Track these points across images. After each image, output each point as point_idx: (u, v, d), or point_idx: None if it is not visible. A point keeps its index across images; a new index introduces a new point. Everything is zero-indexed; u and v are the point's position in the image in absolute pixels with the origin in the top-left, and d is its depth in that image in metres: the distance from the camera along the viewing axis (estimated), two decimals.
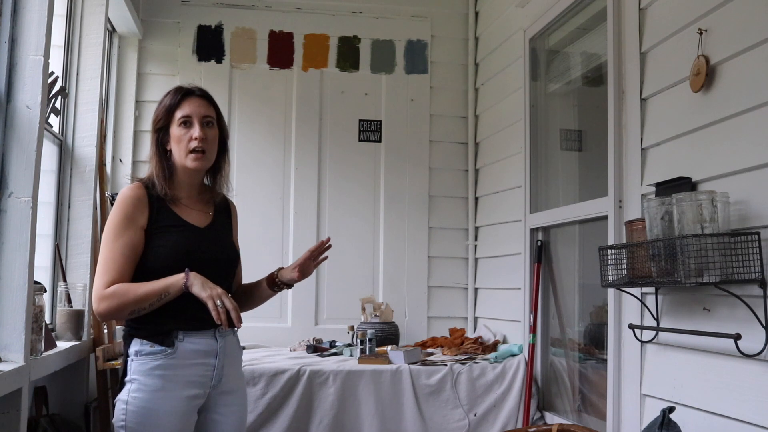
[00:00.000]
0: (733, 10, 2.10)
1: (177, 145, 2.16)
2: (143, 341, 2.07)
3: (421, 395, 3.24)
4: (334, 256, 4.20)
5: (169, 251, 2.10)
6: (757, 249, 1.92)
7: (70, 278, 3.13)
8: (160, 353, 2.06)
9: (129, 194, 2.12)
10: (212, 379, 2.14)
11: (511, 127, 3.83)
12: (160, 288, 2.04)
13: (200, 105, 2.20)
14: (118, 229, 2.08)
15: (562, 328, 3.38)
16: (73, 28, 3.33)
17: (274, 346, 3.96)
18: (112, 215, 2.11)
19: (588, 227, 3.14)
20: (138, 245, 2.09)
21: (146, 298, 2.03)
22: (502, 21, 4.04)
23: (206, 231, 2.21)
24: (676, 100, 2.35)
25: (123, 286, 2.04)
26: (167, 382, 2.06)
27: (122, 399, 2.06)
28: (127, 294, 2.03)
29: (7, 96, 2.10)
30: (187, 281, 2.03)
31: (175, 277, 2.05)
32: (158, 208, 2.13)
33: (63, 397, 3.10)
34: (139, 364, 2.06)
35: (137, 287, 2.04)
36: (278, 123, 4.31)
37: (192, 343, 2.11)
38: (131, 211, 2.09)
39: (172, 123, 2.17)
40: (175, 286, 2.04)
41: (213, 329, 2.15)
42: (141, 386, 2.04)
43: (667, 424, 2.06)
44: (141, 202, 2.12)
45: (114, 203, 2.16)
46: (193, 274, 2.05)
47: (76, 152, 3.28)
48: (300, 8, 4.39)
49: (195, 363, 2.11)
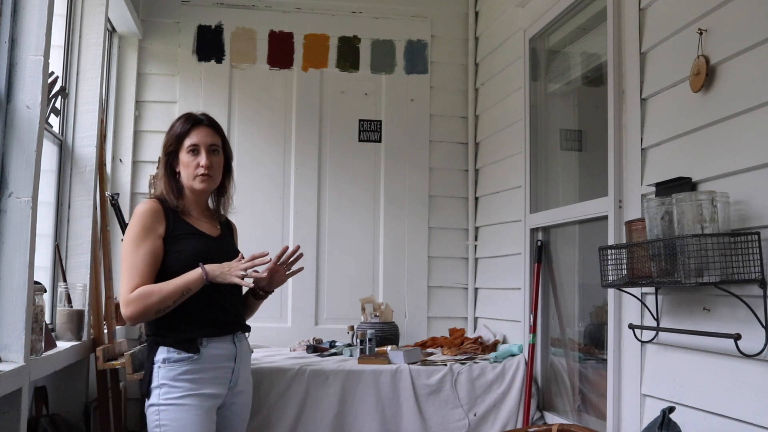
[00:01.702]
0: (733, 10, 2.10)
1: (185, 170, 2.36)
2: (170, 349, 2.24)
3: (421, 395, 3.24)
4: (335, 256, 4.31)
5: (188, 255, 2.27)
6: (757, 249, 1.92)
7: (70, 278, 3.13)
8: (187, 360, 2.23)
9: (146, 207, 2.30)
10: (230, 380, 2.33)
11: (511, 127, 3.83)
12: (181, 285, 2.21)
13: (207, 134, 2.39)
14: (138, 238, 2.24)
15: (562, 328, 3.38)
16: (73, 28, 3.33)
17: (274, 346, 3.96)
18: (131, 227, 2.29)
19: (588, 227, 3.14)
20: (158, 252, 2.26)
21: (170, 296, 2.20)
22: (502, 21, 4.04)
23: (217, 240, 2.42)
24: (676, 100, 2.35)
25: (146, 288, 2.20)
26: (194, 384, 2.22)
27: (154, 403, 2.22)
28: (150, 295, 2.19)
29: (7, 96, 2.10)
30: (207, 276, 2.21)
31: (192, 273, 2.22)
32: (174, 218, 2.32)
33: (63, 397, 3.11)
34: (168, 370, 2.22)
35: (159, 288, 2.20)
36: (278, 123, 4.31)
37: (215, 348, 2.29)
38: (150, 222, 2.27)
39: (182, 149, 2.37)
40: (196, 282, 2.22)
41: (232, 335, 2.35)
42: (171, 390, 2.21)
43: (667, 424, 2.07)
44: (158, 213, 2.30)
45: (131, 218, 2.32)
46: (208, 267, 2.22)
47: (76, 152, 3.28)
48: (300, 8, 4.39)
49: (217, 366, 2.29)
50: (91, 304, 3.15)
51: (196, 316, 2.27)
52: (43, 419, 2.80)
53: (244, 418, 2.45)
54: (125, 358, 2.98)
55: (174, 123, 2.43)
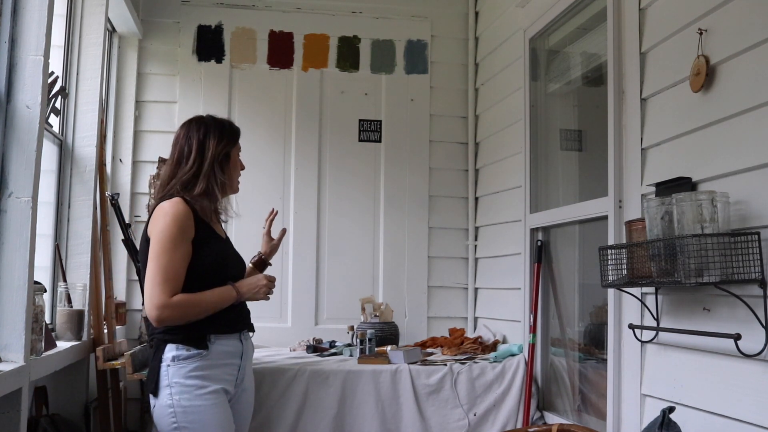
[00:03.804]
0: (733, 10, 2.10)
1: (234, 170, 2.48)
2: (179, 346, 2.25)
3: (421, 395, 3.24)
4: (334, 256, 4.31)
5: (213, 259, 2.33)
6: (757, 249, 1.92)
7: (70, 278, 3.13)
8: (197, 356, 2.25)
9: (182, 209, 2.30)
10: (236, 377, 2.37)
11: (511, 127, 3.83)
12: (216, 302, 2.30)
13: None
14: (177, 240, 2.26)
15: (562, 328, 3.38)
16: (73, 28, 3.33)
17: (274, 346, 3.96)
18: (168, 228, 2.26)
19: (588, 227, 3.14)
20: (189, 256, 2.29)
21: (206, 310, 2.28)
22: (502, 21, 4.04)
23: (228, 241, 2.52)
24: (676, 100, 2.35)
25: (187, 298, 2.24)
26: (205, 380, 2.24)
27: (166, 404, 2.22)
28: (191, 306, 2.25)
29: (7, 96, 2.10)
30: (239, 296, 2.35)
31: (224, 291, 2.32)
32: (198, 222, 2.34)
33: (63, 397, 3.11)
34: (178, 368, 2.23)
35: (199, 300, 2.27)
36: (278, 123, 4.31)
37: (222, 345, 2.31)
38: (186, 225, 2.29)
39: (234, 150, 2.48)
40: (228, 300, 2.32)
41: (239, 332, 2.39)
42: (183, 388, 2.22)
43: (667, 424, 2.06)
44: (191, 217, 2.32)
45: (160, 216, 2.29)
46: (238, 284, 2.35)
47: (76, 152, 3.28)
48: (300, 8, 4.39)
49: (225, 363, 2.32)
50: (91, 304, 3.16)
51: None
52: (43, 419, 2.80)
53: (247, 416, 2.47)
54: (125, 358, 2.98)
55: (216, 123, 2.44)
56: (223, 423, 2.25)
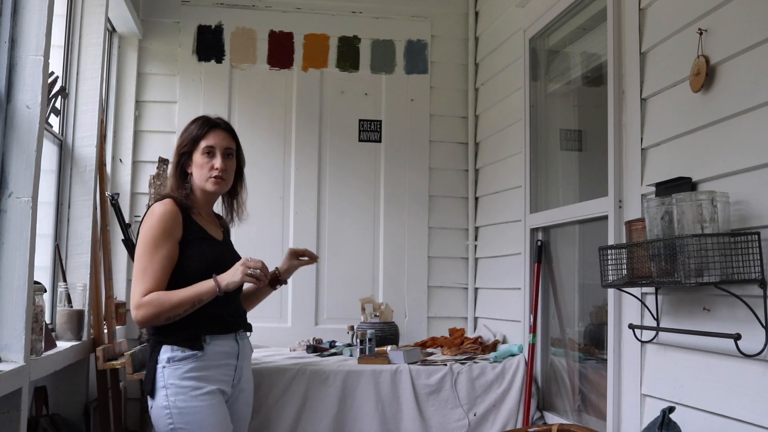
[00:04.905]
0: (733, 10, 2.10)
1: (199, 171, 2.37)
2: (174, 347, 2.24)
3: (421, 395, 3.24)
4: (335, 256, 4.30)
5: (202, 260, 2.29)
6: (757, 249, 1.92)
7: (70, 278, 3.13)
8: (191, 357, 2.24)
9: (167, 209, 2.28)
10: (233, 378, 2.35)
11: (511, 127, 3.83)
12: (194, 296, 2.22)
13: (224, 138, 2.41)
14: (158, 241, 2.24)
15: (562, 328, 3.38)
16: (73, 28, 3.33)
17: (274, 346, 3.96)
18: (150, 228, 2.26)
19: (588, 227, 3.14)
20: (174, 256, 2.26)
21: (181, 305, 2.21)
22: (502, 21, 4.04)
23: (223, 244, 2.47)
24: (676, 100, 2.35)
25: (159, 295, 2.20)
26: (201, 381, 2.23)
27: (162, 405, 2.21)
28: (163, 303, 2.20)
29: (7, 96, 2.10)
30: (219, 288, 2.23)
31: (204, 284, 2.23)
32: (188, 221, 2.32)
33: (63, 397, 3.11)
34: (173, 370, 2.22)
35: (172, 296, 2.21)
36: (278, 123, 4.31)
37: (218, 345, 2.30)
38: (170, 226, 2.26)
39: (196, 150, 2.38)
40: (208, 293, 2.23)
41: (234, 333, 2.37)
42: (179, 390, 2.21)
43: (667, 424, 2.06)
44: (177, 217, 2.29)
45: (147, 217, 2.30)
46: (219, 277, 2.24)
47: (76, 152, 3.28)
48: (300, 8, 4.39)
49: (221, 364, 2.31)
50: (91, 304, 3.16)
51: (200, 313, 2.26)
52: (43, 419, 2.80)
53: (245, 417, 2.46)
54: (125, 358, 2.98)
55: (190, 124, 2.43)
56: (219, 424, 2.24)
